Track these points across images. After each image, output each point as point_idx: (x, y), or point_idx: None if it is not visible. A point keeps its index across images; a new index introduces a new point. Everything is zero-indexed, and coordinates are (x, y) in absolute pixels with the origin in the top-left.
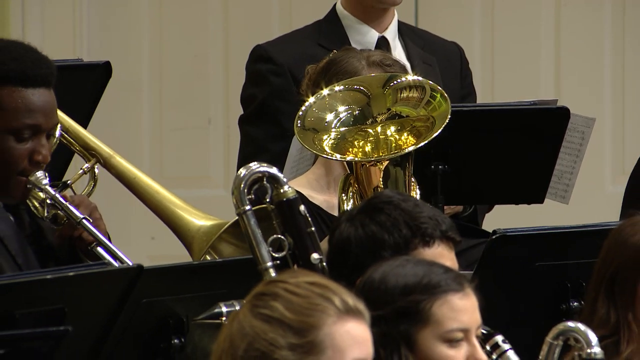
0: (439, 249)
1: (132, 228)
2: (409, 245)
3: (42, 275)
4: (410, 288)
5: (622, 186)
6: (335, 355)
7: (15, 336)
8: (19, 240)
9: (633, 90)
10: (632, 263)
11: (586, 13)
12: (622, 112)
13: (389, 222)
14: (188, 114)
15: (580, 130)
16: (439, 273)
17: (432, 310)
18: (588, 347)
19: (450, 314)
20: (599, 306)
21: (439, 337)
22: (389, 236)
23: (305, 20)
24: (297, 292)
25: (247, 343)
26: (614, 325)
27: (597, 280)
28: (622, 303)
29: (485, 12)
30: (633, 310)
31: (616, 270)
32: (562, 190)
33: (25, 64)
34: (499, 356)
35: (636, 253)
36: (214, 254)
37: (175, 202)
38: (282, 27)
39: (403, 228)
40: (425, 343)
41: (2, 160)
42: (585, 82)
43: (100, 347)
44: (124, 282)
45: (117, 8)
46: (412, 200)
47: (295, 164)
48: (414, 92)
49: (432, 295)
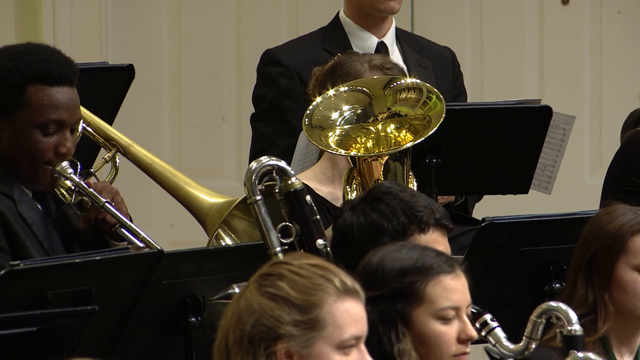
0: (434, 235)
1: (153, 217)
2: (406, 231)
3: (71, 260)
4: (406, 270)
5: (599, 178)
6: (335, 331)
7: (46, 315)
8: (46, 226)
9: (609, 91)
10: (608, 248)
11: (567, 21)
12: (600, 111)
13: (388, 211)
14: (204, 112)
15: (561, 127)
16: (431, 256)
17: (426, 290)
18: (569, 325)
19: (442, 293)
20: (578, 287)
21: (433, 315)
22: (388, 223)
23: (311, 27)
24: (301, 273)
25: (255, 319)
26: (592, 305)
27: (576, 263)
28: (599, 284)
29: (475, 19)
30: (609, 291)
31: (593, 255)
32: (545, 182)
33: (51, 64)
34: (487, 333)
35: (611, 239)
36: (226, 228)
37: (189, 183)
38: (290, 33)
39: (401, 216)
40: (420, 320)
41: (30, 153)
42: (566, 83)
43: (123, 325)
44: (145, 266)
45: (140, 16)
46: (409, 190)
47: (302, 158)
48: (412, 93)
49: (425, 276)
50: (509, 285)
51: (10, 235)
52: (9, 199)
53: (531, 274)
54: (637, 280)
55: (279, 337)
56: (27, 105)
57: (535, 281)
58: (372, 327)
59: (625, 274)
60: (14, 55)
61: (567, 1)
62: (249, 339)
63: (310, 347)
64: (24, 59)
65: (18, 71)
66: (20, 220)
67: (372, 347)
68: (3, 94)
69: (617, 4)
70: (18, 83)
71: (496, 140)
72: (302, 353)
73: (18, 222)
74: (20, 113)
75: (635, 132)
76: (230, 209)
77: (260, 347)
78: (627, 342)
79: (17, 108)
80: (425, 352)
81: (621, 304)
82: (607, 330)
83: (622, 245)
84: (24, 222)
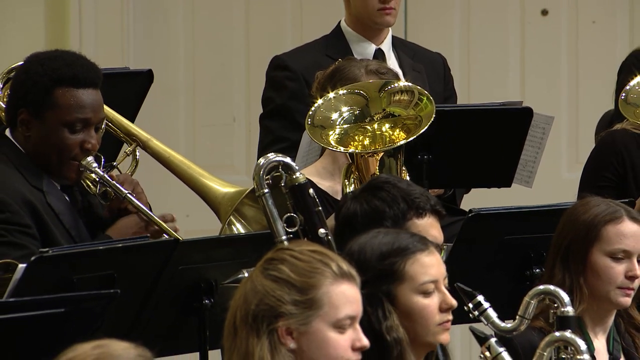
0: (430, 220)
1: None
2: (405, 216)
3: (95, 247)
4: (385, 254)
5: (576, 173)
6: (331, 311)
7: (73, 297)
8: (72, 216)
9: (585, 93)
10: (583, 237)
11: (546, 29)
12: (577, 112)
13: (389, 198)
14: (216, 112)
15: (541, 126)
16: (405, 238)
17: (406, 268)
18: (562, 306)
19: (421, 269)
20: (556, 272)
21: (415, 290)
22: (389, 209)
23: (314, 34)
24: (301, 257)
25: (259, 299)
26: (569, 288)
27: (554, 250)
28: (575, 270)
29: (463, 28)
30: (584, 276)
31: (570, 243)
32: (526, 176)
33: (76, 68)
34: (480, 313)
35: (586, 228)
36: (237, 215)
37: (204, 174)
38: (294, 40)
39: (401, 202)
40: (404, 297)
41: (58, 149)
42: (545, 86)
43: (143, 306)
44: (163, 252)
45: (158, 25)
46: (405, 181)
47: (305, 155)
48: (404, 95)
49: (403, 256)
50: (493, 270)
51: (40, 224)
52: (39, 191)
53: (513, 260)
54: (610, 265)
55: (280, 316)
56: (55, 106)
57: (517, 266)
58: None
59: (598, 260)
60: (43, 61)
61: (546, 12)
62: (253, 317)
63: (308, 325)
64: (52, 64)
65: (47, 75)
66: (49, 210)
67: (363, 326)
68: (33, 95)
69: (591, 14)
70: (47, 86)
71: (482, 139)
72: (300, 330)
73: (47, 212)
74: (49, 113)
75: (608, 133)
76: (241, 198)
77: (263, 324)
78: (600, 323)
79: (46, 108)
80: (411, 325)
81: (595, 287)
82: (582, 312)
83: (596, 233)
84: (53, 212)
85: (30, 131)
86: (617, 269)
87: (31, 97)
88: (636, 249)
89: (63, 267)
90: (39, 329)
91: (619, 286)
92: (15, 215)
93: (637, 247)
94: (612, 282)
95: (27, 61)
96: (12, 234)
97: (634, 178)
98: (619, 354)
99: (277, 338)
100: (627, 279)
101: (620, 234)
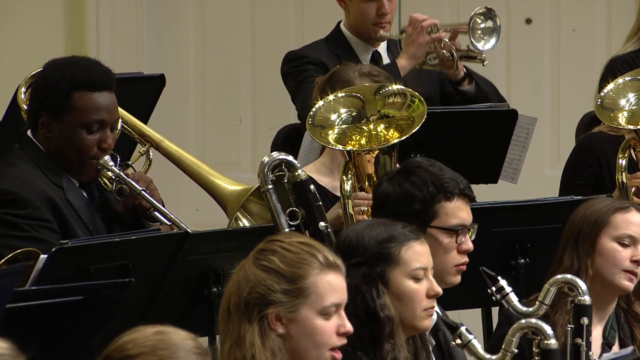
0: (458, 203)
1: (181, 202)
2: (434, 199)
3: (111, 239)
4: (382, 239)
5: (557, 170)
6: (318, 299)
7: (91, 286)
8: (90, 211)
9: (566, 96)
10: (593, 223)
11: (530, 37)
12: (558, 113)
13: (420, 181)
14: (224, 114)
15: (525, 127)
16: (400, 227)
17: (401, 253)
18: (579, 295)
19: (414, 256)
20: (565, 259)
21: (407, 275)
22: (419, 192)
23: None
24: (290, 249)
25: (250, 287)
26: (576, 271)
27: (564, 241)
28: (583, 253)
29: None
30: (592, 258)
31: (580, 229)
32: (511, 173)
33: (92, 73)
34: (502, 297)
35: (596, 216)
36: (243, 211)
37: (212, 173)
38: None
39: (430, 186)
40: (397, 280)
41: (77, 148)
42: (529, 89)
43: (155, 294)
44: (174, 244)
45: (170, 32)
46: (437, 164)
47: (306, 154)
48: (398, 98)
49: (399, 242)
50: (481, 260)
51: (60, 218)
52: (59, 188)
53: (500, 250)
54: (617, 249)
55: (270, 303)
56: (73, 109)
57: (503, 257)
58: (357, 288)
59: (607, 244)
60: (61, 67)
61: (530, 21)
62: (245, 304)
63: (296, 312)
64: (70, 69)
65: (65, 80)
66: (68, 205)
67: (357, 304)
68: (53, 99)
69: (572, 23)
70: (65, 90)
71: (470, 138)
72: (289, 317)
73: (67, 208)
74: (68, 115)
75: (586, 135)
76: (247, 195)
77: (254, 311)
78: (600, 308)
79: (65, 111)
80: (400, 307)
81: (601, 270)
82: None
83: (605, 220)
84: (72, 207)
85: (50, 133)
86: (624, 253)
87: (51, 101)
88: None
89: (81, 257)
90: (59, 315)
91: (624, 269)
92: (37, 210)
93: None
94: (617, 265)
95: (46, 67)
96: (35, 229)
97: (609, 176)
98: (613, 341)
99: (267, 324)
100: (632, 263)
101: (628, 221)
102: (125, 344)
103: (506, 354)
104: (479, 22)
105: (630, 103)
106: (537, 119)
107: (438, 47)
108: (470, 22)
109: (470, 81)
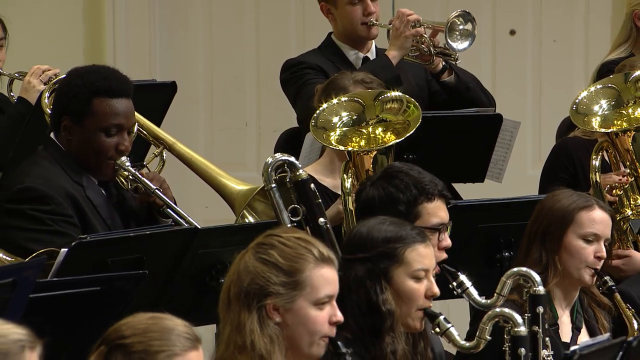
0: (438, 203)
1: (191, 199)
2: (417, 201)
3: (127, 234)
4: (389, 238)
5: (539, 170)
6: (313, 291)
7: (107, 277)
8: (108, 208)
9: (547, 102)
10: (560, 220)
11: (513, 47)
12: (540, 118)
13: (402, 185)
14: (231, 118)
15: (509, 130)
16: (408, 229)
17: (405, 254)
18: (534, 286)
19: (417, 257)
20: (533, 252)
21: (408, 274)
22: (403, 195)
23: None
24: (288, 244)
25: (250, 279)
26: (545, 265)
27: (530, 233)
28: (551, 249)
29: None
30: (559, 255)
31: (547, 226)
32: (497, 173)
33: (111, 81)
34: (463, 291)
35: (562, 214)
36: (249, 209)
37: (221, 173)
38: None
39: (412, 189)
40: (398, 278)
41: (96, 150)
42: (513, 95)
43: (167, 285)
44: (185, 239)
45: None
46: (416, 168)
47: (308, 154)
48: (395, 103)
49: (405, 243)
50: (468, 254)
51: (81, 214)
52: (80, 186)
53: (486, 245)
54: (582, 246)
55: (268, 294)
56: (93, 114)
57: (488, 251)
58: (361, 282)
59: (573, 241)
60: (82, 75)
61: (514, 32)
62: (245, 294)
63: (292, 303)
64: (90, 77)
65: (86, 87)
66: (88, 202)
67: (361, 297)
68: (74, 105)
69: (552, 34)
70: (86, 96)
71: (459, 140)
72: (286, 307)
73: (87, 204)
74: (88, 120)
75: (562, 140)
76: (253, 195)
77: (253, 300)
78: (566, 297)
79: (86, 116)
80: (399, 305)
81: (567, 265)
82: (554, 285)
83: (571, 218)
84: (92, 204)
85: (72, 135)
86: (588, 249)
87: (72, 106)
88: (604, 233)
89: (99, 251)
90: (78, 304)
91: (588, 265)
92: (60, 206)
93: (605, 232)
94: (582, 261)
95: (68, 75)
96: (57, 223)
97: (584, 176)
98: (580, 325)
99: (265, 313)
100: (595, 259)
101: (592, 220)
102: (121, 326)
103: (480, 340)
104: (459, 24)
105: (603, 109)
106: (520, 123)
107: (419, 41)
108: (448, 23)
109: (450, 73)
